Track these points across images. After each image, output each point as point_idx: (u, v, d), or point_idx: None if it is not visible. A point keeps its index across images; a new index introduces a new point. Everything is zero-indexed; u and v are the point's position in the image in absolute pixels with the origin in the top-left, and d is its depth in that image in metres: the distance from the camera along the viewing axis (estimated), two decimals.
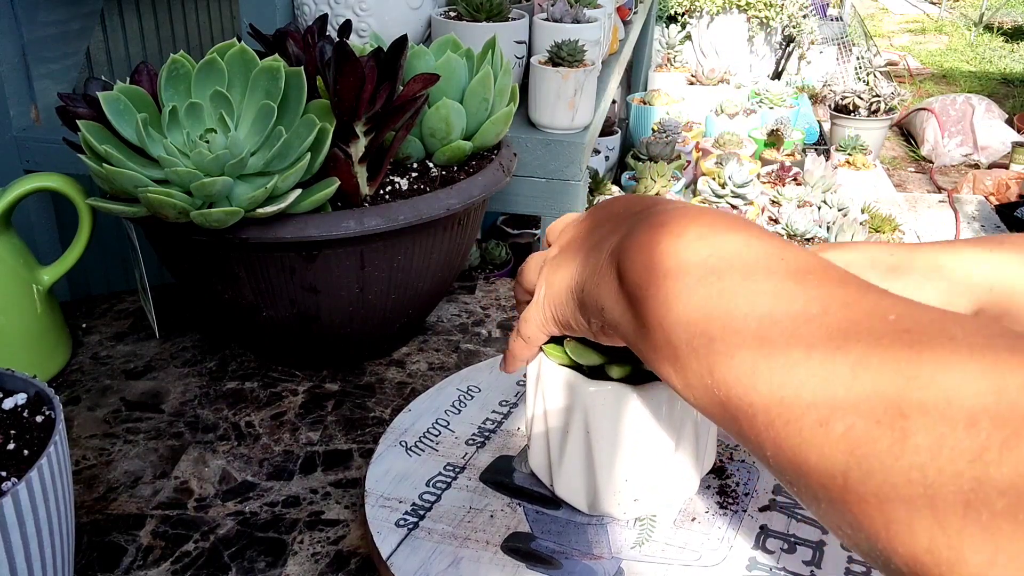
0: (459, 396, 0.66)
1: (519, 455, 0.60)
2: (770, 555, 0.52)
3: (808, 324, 0.30)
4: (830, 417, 0.28)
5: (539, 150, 1.06)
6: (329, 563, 0.54)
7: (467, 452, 0.60)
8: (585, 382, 0.50)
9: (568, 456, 0.53)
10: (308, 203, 0.61)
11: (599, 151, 2.84)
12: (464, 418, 0.64)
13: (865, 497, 0.26)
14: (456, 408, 0.65)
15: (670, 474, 0.53)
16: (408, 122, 0.68)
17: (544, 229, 1.11)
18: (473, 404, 0.65)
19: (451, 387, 0.67)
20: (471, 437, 0.61)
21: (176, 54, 0.63)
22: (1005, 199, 3.29)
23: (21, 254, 0.72)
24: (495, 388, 0.67)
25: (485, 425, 0.63)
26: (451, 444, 0.61)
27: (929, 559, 0.24)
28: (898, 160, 3.93)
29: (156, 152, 0.61)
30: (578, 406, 0.51)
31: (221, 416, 0.68)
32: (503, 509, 0.55)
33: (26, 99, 1.07)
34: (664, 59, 3.70)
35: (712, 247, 0.35)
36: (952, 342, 0.26)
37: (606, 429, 0.51)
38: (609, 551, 0.52)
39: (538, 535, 0.53)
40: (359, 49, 0.72)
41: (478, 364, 0.71)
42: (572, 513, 0.55)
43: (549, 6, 1.15)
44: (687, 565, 0.51)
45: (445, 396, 0.66)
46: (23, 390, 0.47)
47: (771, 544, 0.53)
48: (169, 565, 0.53)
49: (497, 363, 0.70)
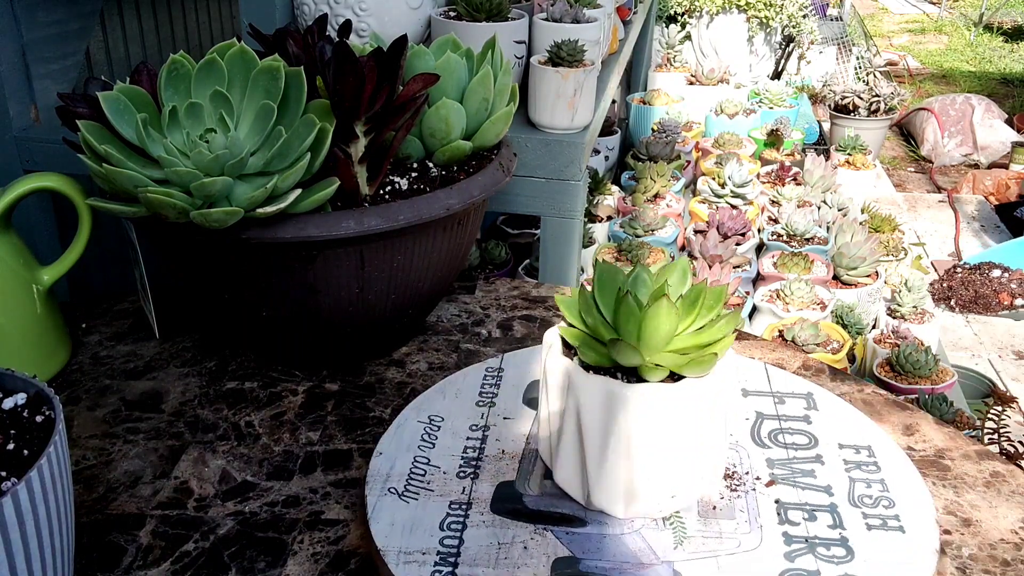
0: (425, 429, 0.63)
1: (519, 477, 0.59)
2: (797, 527, 0.53)
3: None
4: None
5: (539, 150, 1.06)
6: (329, 563, 0.54)
7: (464, 486, 0.58)
8: (583, 375, 0.51)
9: (564, 446, 0.54)
10: (308, 203, 0.61)
11: (599, 151, 2.83)
12: (441, 451, 0.61)
13: None
14: (428, 442, 0.62)
15: (696, 470, 0.54)
16: (408, 122, 0.68)
17: (544, 229, 1.11)
18: (444, 435, 0.63)
19: (411, 422, 0.64)
20: (460, 470, 0.59)
21: (176, 54, 0.63)
22: (1005, 199, 3.29)
23: (21, 254, 0.72)
24: (457, 415, 0.65)
25: (467, 454, 0.61)
26: (443, 481, 0.58)
27: None
28: (898, 160, 3.93)
29: (156, 152, 0.60)
30: (573, 398, 0.52)
31: (221, 416, 0.68)
32: (532, 537, 0.54)
33: (26, 99, 1.07)
34: (664, 59, 3.69)
35: None
36: None
37: (600, 423, 0.51)
38: (655, 556, 0.52)
39: (580, 556, 0.52)
40: (359, 49, 0.72)
41: (426, 393, 0.68)
42: (600, 526, 0.54)
43: (549, 6, 1.15)
44: (733, 554, 0.52)
45: (411, 432, 0.63)
46: (23, 390, 0.47)
47: (793, 515, 0.54)
48: (169, 565, 0.53)
49: (441, 386, 0.67)
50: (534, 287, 0.88)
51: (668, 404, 0.51)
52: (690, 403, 0.51)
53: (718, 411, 0.53)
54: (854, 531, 0.54)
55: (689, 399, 0.51)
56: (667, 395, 0.51)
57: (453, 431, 0.63)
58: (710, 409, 0.52)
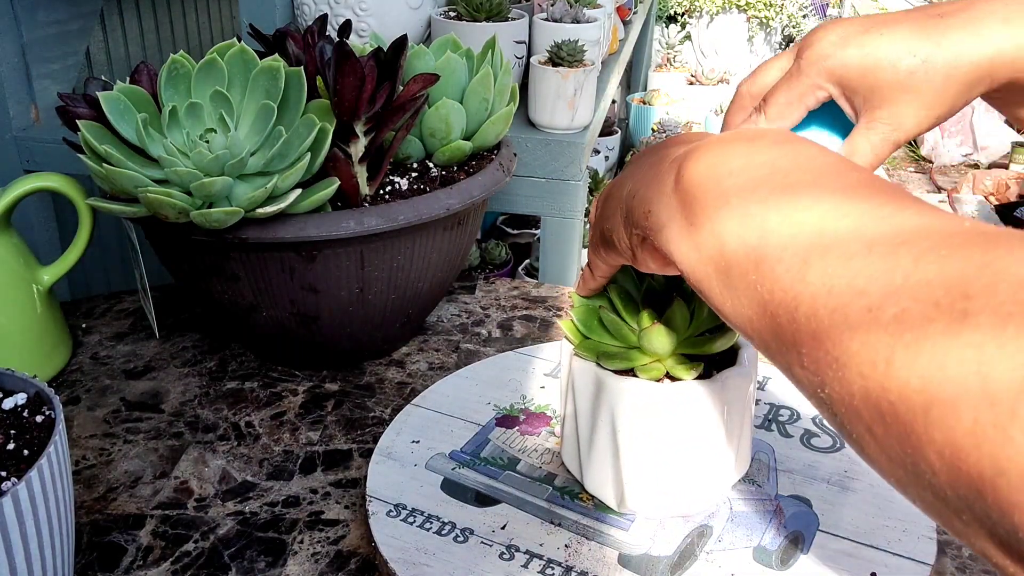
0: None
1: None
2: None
3: (874, 220, 0.29)
4: (883, 303, 0.26)
5: (539, 150, 1.06)
6: (329, 563, 0.54)
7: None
8: (614, 379, 0.51)
9: (596, 452, 0.54)
10: (308, 203, 0.61)
11: (599, 151, 2.84)
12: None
13: (908, 381, 0.25)
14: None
15: (701, 472, 0.54)
16: (408, 122, 0.68)
17: (544, 229, 1.11)
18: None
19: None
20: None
21: (176, 54, 0.63)
22: (1005, 199, 3.29)
23: (21, 254, 0.72)
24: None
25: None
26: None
27: (970, 441, 0.23)
28: (898, 160, 3.93)
29: (156, 152, 0.60)
30: (606, 403, 0.52)
31: (221, 416, 0.68)
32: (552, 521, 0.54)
33: (26, 99, 1.07)
34: (664, 59, 3.70)
35: (785, 150, 0.35)
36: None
37: (635, 425, 0.51)
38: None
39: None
40: (359, 49, 0.72)
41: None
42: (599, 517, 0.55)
43: (549, 6, 1.15)
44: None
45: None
46: (23, 390, 0.47)
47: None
48: (169, 565, 0.53)
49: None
50: (534, 287, 0.88)
51: (658, 402, 0.51)
52: (681, 403, 0.51)
53: (721, 415, 0.53)
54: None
55: (680, 398, 0.51)
56: (654, 392, 0.51)
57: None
58: (711, 412, 0.52)
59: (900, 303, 0.26)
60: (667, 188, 0.38)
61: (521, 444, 0.61)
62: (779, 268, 0.31)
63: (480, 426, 0.63)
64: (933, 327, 0.25)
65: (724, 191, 0.35)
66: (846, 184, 0.32)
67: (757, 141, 0.36)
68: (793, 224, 0.31)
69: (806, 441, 0.62)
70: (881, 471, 0.27)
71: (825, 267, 0.29)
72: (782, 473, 0.59)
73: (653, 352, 0.51)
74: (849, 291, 0.28)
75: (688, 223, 0.36)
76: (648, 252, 0.41)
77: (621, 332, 0.52)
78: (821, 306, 0.29)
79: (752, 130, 0.37)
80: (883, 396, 0.26)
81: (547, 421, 0.64)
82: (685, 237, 0.36)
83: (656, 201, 0.38)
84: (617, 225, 0.43)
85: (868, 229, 0.29)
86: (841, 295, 0.28)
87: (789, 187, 0.33)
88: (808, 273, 0.30)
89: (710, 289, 0.35)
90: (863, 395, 0.26)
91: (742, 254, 0.33)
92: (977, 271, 0.25)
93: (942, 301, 0.25)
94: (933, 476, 0.24)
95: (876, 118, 0.46)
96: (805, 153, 0.35)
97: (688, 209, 0.36)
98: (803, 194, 0.32)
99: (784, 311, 0.30)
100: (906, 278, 0.26)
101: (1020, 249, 0.25)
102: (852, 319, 0.27)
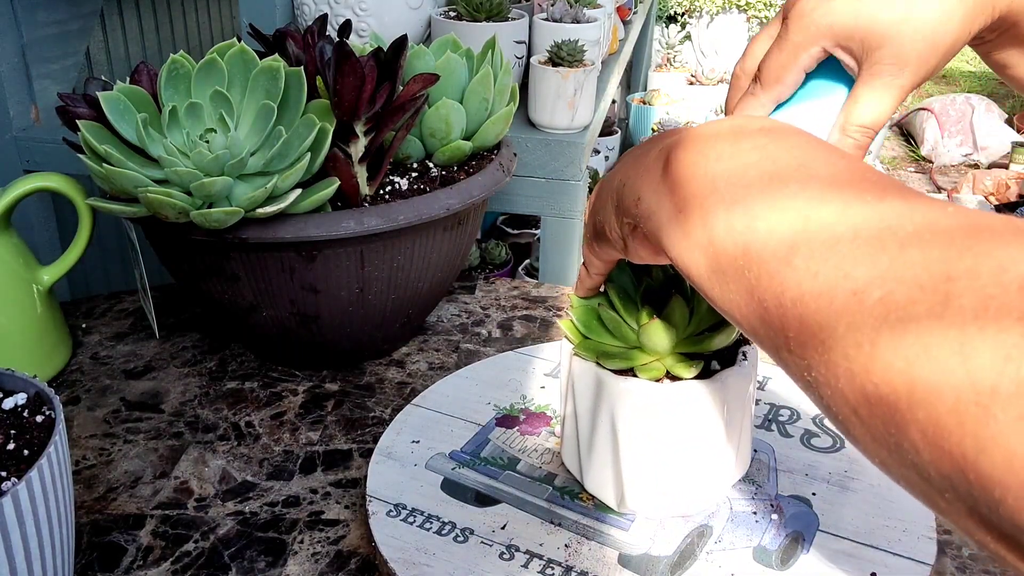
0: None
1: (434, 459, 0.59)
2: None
3: (860, 206, 0.30)
4: (868, 286, 0.27)
5: (539, 150, 1.06)
6: (329, 563, 0.54)
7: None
8: (614, 379, 0.51)
9: (597, 452, 0.54)
10: (308, 203, 0.61)
11: (599, 151, 2.84)
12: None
13: (892, 362, 0.25)
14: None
15: (701, 472, 0.54)
16: (408, 122, 0.68)
17: (544, 229, 1.11)
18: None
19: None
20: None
21: (176, 54, 0.63)
22: (1005, 199, 3.29)
23: (21, 254, 0.72)
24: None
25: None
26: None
27: (952, 420, 0.23)
28: (898, 160, 3.93)
29: (156, 152, 0.61)
30: (606, 403, 0.52)
31: (221, 416, 0.68)
32: (552, 521, 0.54)
33: (26, 99, 1.07)
34: (664, 59, 3.70)
35: (772, 138, 0.35)
36: (1019, 232, 0.26)
37: (635, 425, 0.51)
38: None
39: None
40: (359, 49, 0.72)
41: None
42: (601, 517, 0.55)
43: (549, 6, 1.15)
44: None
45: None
46: (23, 390, 0.47)
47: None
48: (169, 565, 0.53)
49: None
50: (534, 287, 0.88)
51: (657, 401, 0.51)
52: (681, 403, 0.51)
53: (720, 414, 0.53)
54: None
55: (680, 398, 0.51)
56: (653, 392, 0.51)
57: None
58: (711, 411, 0.52)
59: (885, 286, 0.27)
60: (656, 176, 0.38)
61: (521, 444, 0.61)
62: (766, 254, 0.31)
63: (480, 426, 0.63)
64: (917, 309, 0.25)
65: (712, 179, 0.35)
66: (832, 171, 0.32)
67: (744, 129, 0.36)
68: (780, 211, 0.32)
69: (806, 441, 0.62)
70: (867, 452, 0.28)
71: (811, 252, 0.30)
72: (782, 473, 0.59)
73: (653, 349, 0.51)
74: (835, 275, 0.28)
75: (677, 211, 0.36)
76: (639, 241, 0.41)
77: (621, 330, 0.52)
78: (807, 291, 0.29)
79: (740, 119, 0.37)
80: (867, 377, 0.26)
81: (547, 421, 0.64)
82: (674, 225, 0.36)
83: (645, 189, 0.39)
84: (609, 215, 0.43)
85: (854, 215, 0.30)
86: (827, 279, 0.29)
87: (776, 175, 0.33)
88: (795, 258, 0.30)
89: (699, 276, 0.35)
90: (848, 377, 0.27)
91: (730, 241, 0.33)
92: (959, 254, 0.25)
93: (926, 284, 0.25)
94: (916, 456, 0.25)
95: (877, 59, 0.43)
96: (792, 140, 0.35)
97: (676, 197, 0.36)
98: (790, 181, 0.33)
99: (771, 296, 0.31)
100: (891, 261, 0.27)
101: (1003, 232, 0.26)
102: (838, 302, 0.28)
